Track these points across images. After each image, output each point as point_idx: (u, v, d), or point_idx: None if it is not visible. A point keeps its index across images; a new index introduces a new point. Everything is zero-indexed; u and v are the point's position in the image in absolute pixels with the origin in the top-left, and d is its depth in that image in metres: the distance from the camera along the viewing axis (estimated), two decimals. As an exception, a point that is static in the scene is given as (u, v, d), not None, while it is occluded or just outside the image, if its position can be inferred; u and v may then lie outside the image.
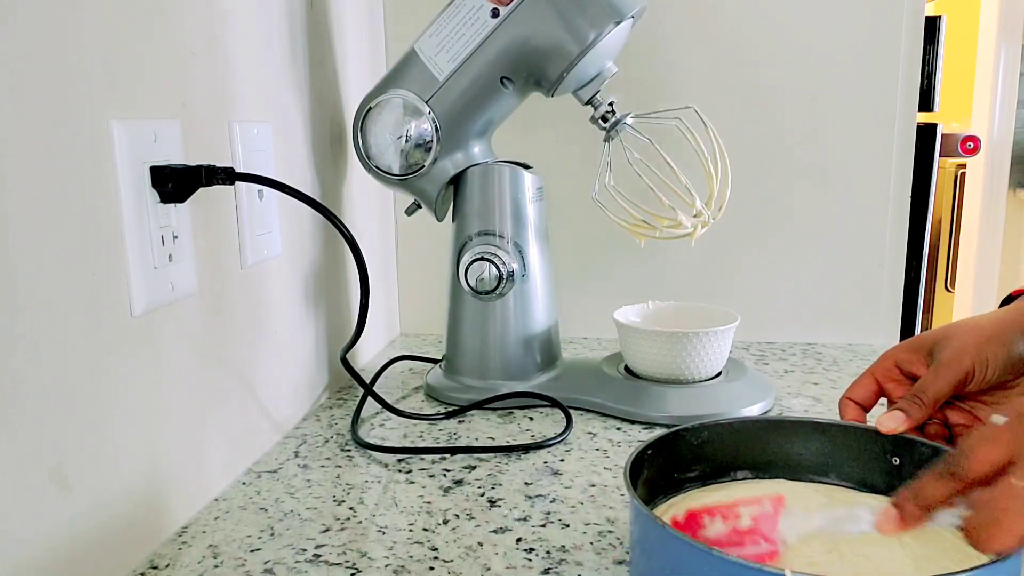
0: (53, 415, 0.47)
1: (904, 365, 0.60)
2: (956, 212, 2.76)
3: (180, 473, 0.61)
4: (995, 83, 2.79)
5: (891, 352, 0.61)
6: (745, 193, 1.04)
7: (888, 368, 0.60)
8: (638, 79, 1.04)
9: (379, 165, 0.84)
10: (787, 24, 1.03)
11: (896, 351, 0.60)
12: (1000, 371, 0.55)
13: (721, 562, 0.40)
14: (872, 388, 0.61)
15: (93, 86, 0.51)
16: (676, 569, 0.43)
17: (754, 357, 1.04)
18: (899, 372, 0.60)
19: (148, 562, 0.56)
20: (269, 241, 0.75)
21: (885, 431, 0.55)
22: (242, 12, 0.70)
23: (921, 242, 1.68)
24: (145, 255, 0.56)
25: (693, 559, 0.42)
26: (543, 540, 0.58)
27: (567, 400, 0.85)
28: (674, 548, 0.43)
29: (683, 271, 1.10)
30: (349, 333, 0.93)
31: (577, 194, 1.03)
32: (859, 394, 0.61)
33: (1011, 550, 0.41)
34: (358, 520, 0.62)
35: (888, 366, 0.60)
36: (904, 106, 1.04)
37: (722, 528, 0.49)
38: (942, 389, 0.55)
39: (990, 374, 0.55)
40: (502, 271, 0.84)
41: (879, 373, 0.60)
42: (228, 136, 0.68)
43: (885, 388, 0.60)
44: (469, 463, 0.72)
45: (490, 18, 0.78)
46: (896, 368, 0.60)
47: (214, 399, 0.66)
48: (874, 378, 0.61)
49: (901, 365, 0.60)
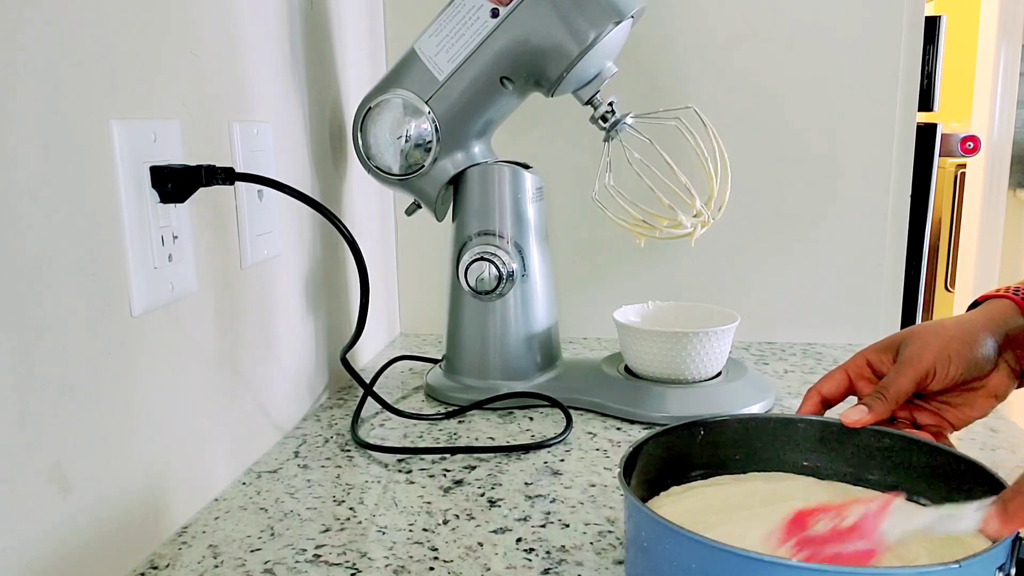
0: (53, 415, 0.47)
1: (874, 364, 0.61)
2: (956, 212, 2.75)
3: (180, 473, 0.61)
4: (995, 83, 2.79)
5: (864, 351, 0.62)
6: (745, 193, 1.04)
7: (860, 366, 0.62)
8: (638, 79, 1.04)
9: (379, 165, 0.84)
10: (787, 24, 1.03)
11: (868, 350, 0.62)
12: (963, 370, 0.56)
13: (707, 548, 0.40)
14: (843, 384, 0.62)
15: (93, 86, 0.51)
16: (671, 560, 0.43)
17: (754, 357, 1.04)
18: (870, 371, 0.61)
19: (148, 562, 0.56)
20: (269, 241, 0.75)
21: (848, 424, 0.56)
22: (242, 12, 0.70)
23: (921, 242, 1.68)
24: (145, 255, 0.56)
25: (686, 548, 0.42)
26: (543, 540, 0.58)
27: (567, 400, 0.85)
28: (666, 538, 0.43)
29: (683, 271, 1.10)
30: (349, 333, 0.93)
31: (577, 194, 1.04)
32: (828, 387, 0.62)
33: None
34: (358, 520, 0.62)
35: (860, 364, 0.62)
36: (904, 106, 1.04)
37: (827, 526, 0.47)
38: (903, 385, 0.57)
39: (953, 371, 0.56)
40: (502, 271, 0.84)
41: (851, 370, 0.62)
42: (228, 136, 0.68)
43: (856, 386, 0.62)
44: (469, 463, 0.72)
45: (490, 18, 0.78)
46: (868, 366, 0.61)
47: (214, 399, 0.66)
48: (846, 374, 0.62)
49: (872, 364, 0.61)
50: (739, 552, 0.40)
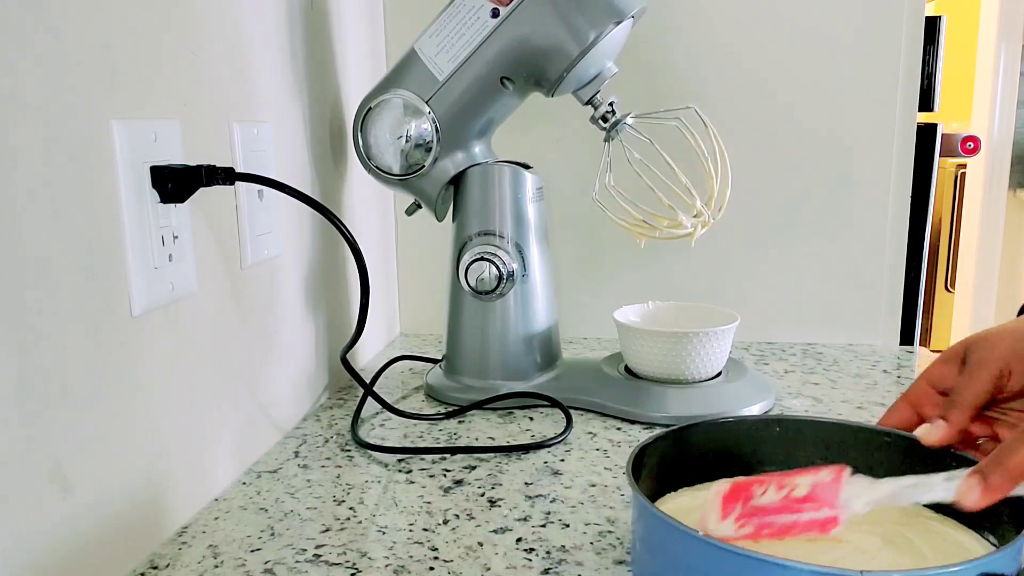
0: (53, 415, 0.47)
1: (938, 383, 0.55)
2: (956, 212, 2.76)
3: (180, 473, 0.61)
4: (995, 83, 2.79)
5: (923, 374, 0.56)
6: (745, 193, 1.04)
7: (923, 391, 0.56)
8: (638, 79, 1.04)
9: (379, 165, 0.84)
10: (787, 24, 1.03)
11: (928, 371, 0.56)
12: None
13: (730, 555, 0.40)
14: (906, 415, 0.56)
15: (93, 86, 0.51)
16: (682, 564, 0.43)
17: (754, 357, 1.04)
18: (935, 393, 0.55)
19: (148, 562, 0.56)
20: (269, 241, 0.75)
21: (928, 444, 0.51)
22: (243, 12, 0.70)
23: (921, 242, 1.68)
24: (145, 255, 0.56)
25: (698, 552, 0.42)
26: (543, 540, 0.58)
27: (567, 400, 0.85)
28: (680, 543, 0.43)
29: (683, 271, 1.10)
30: (349, 333, 0.93)
31: (577, 194, 1.04)
32: (892, 422, 0.56)
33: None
34: (358, 520, 0.62)
35: (923, 389, 0.56)
36: (904, 106, 1.04)
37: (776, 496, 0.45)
38: (978, 389, 0.51)
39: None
40: (502, 271, 0.84)
41: (913, 399, 0.56)
42: (228, 136, 0.68)
43: (922, 413, 0.55)
44: (469, 463, 0.72)
45: (490, 18, 0.78)
46: (931, 389, 0.56)
47: (214, 399, 0.66)
48: (908, 403, 0.56)
49: (935, 384, 0.55)
50: (743, 552, 0.40)
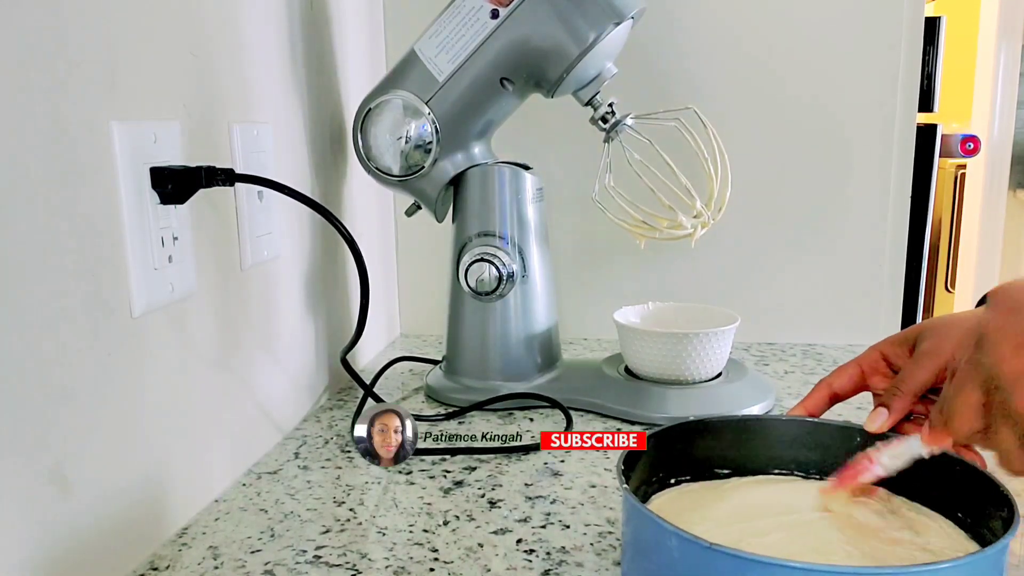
0: (53, 415, 0.47)
1: (890, 358, 0.60)
2: (956, 212, 2.76)
3: (180, 474, 0.61)
4: (995, 83, 2.79)
5: (878, 344, 0.61)
6: (745, 193, 1.04)
7: (874, 360, 0.60)
8: (638, 80, 1.04)
9: (379, 166, 0.84)
10: (786, 25, 1.03)
11: (883, 344, 0.60)
12: None
13: (720, 556, 0.40)
14: (855, 378, 0.61)
15: (93, 86, 0.51)
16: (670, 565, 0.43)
17: (754, 358, 1.04)
18: (885, 365, 0.60)
19: (148, 563, 0.56)
20: (269, 242, 0.75)
21: (872, 431, 0.56)
22: (243, 13, 0.70)
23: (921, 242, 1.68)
24: (145, 256, 0.56)
25: (691, 554, 0.42)
26: (543, 541, 0.58)
27: (567, 401, 0.85)
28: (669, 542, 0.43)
29: (683, 271, 1.10)
30: (349, 334, 0.93)
31: (577, 195, 1.03)
32: (839, 382, 0.61)
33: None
34: (358, 521, 0.62)
35: (875, 358, 0.60)
36: (904, 107, 1.04)
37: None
38: (921, 378, 0.55)
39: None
40: (502, 272, 0.84)
41: (865, 364, 0.61)
42: (228, 137, 0.68)
43: (870, 381, 0.61)
44: (469, 464, 0.72)
45: (490, 19, 0.78)
46: (883, 361, 0.60)
47: (214, 400, 0.66)
48: (859, 368, 0.61)
49: (887, 358, 0.60)
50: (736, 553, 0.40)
